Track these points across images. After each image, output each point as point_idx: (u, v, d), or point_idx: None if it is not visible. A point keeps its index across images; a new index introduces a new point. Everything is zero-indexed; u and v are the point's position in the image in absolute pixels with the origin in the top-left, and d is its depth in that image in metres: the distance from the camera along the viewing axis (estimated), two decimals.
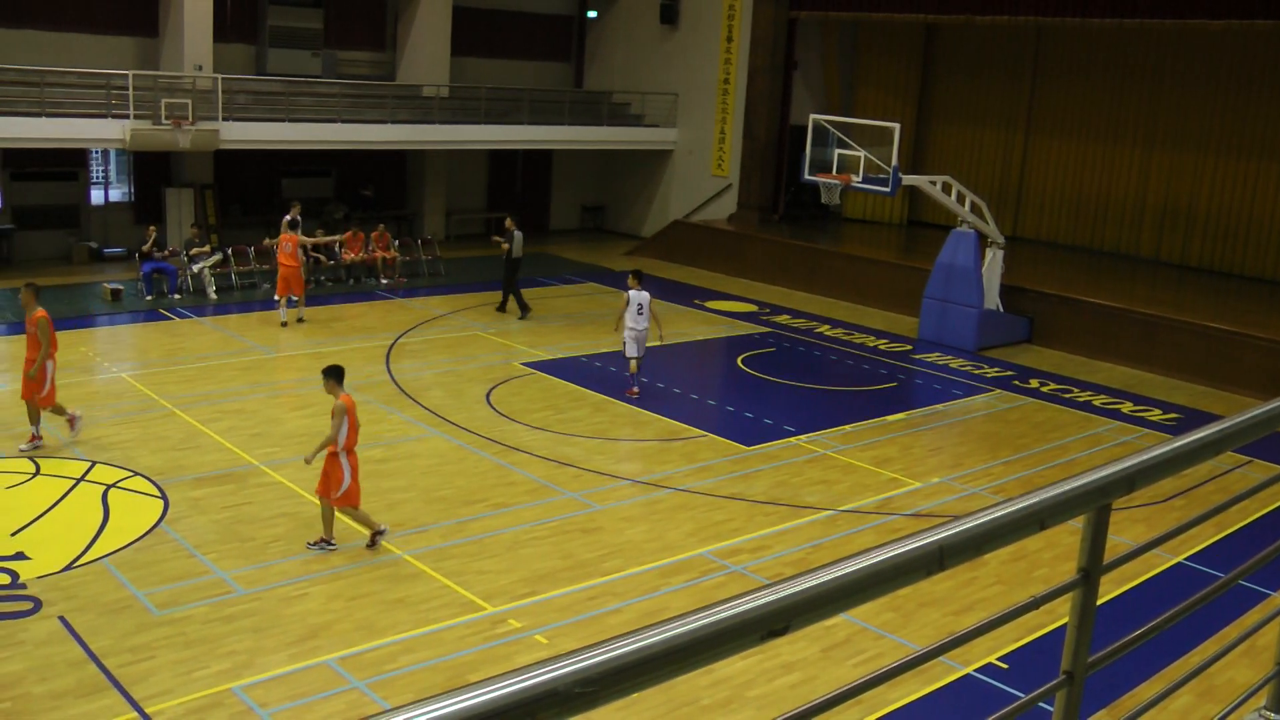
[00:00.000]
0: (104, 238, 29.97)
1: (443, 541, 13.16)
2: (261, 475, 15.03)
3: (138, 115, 25.97)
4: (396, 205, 34.15)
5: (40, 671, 10.22)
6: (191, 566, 12.41)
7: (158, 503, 14.10)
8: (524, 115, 32.63)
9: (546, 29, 37.39)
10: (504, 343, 22.57)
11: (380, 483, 14.84)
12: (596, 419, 18.01)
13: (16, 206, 29.36)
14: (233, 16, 30.37)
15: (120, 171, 32.25)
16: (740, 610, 1.81)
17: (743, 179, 33.41)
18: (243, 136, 27.51)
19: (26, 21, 28.14)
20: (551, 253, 33.54)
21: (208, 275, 25.86)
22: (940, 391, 21.04)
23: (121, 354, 21.17)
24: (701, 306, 26.93)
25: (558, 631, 11.14)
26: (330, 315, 24.44)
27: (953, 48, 33.72)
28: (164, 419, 17.20)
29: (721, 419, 18.68)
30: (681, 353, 22.91)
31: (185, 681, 10.11)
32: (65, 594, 11.70)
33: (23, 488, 14.53)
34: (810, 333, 24.86)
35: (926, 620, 11.75)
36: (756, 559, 13.13)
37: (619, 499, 14.75)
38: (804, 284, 29.27)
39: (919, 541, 2.05)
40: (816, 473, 16.10)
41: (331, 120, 29.33)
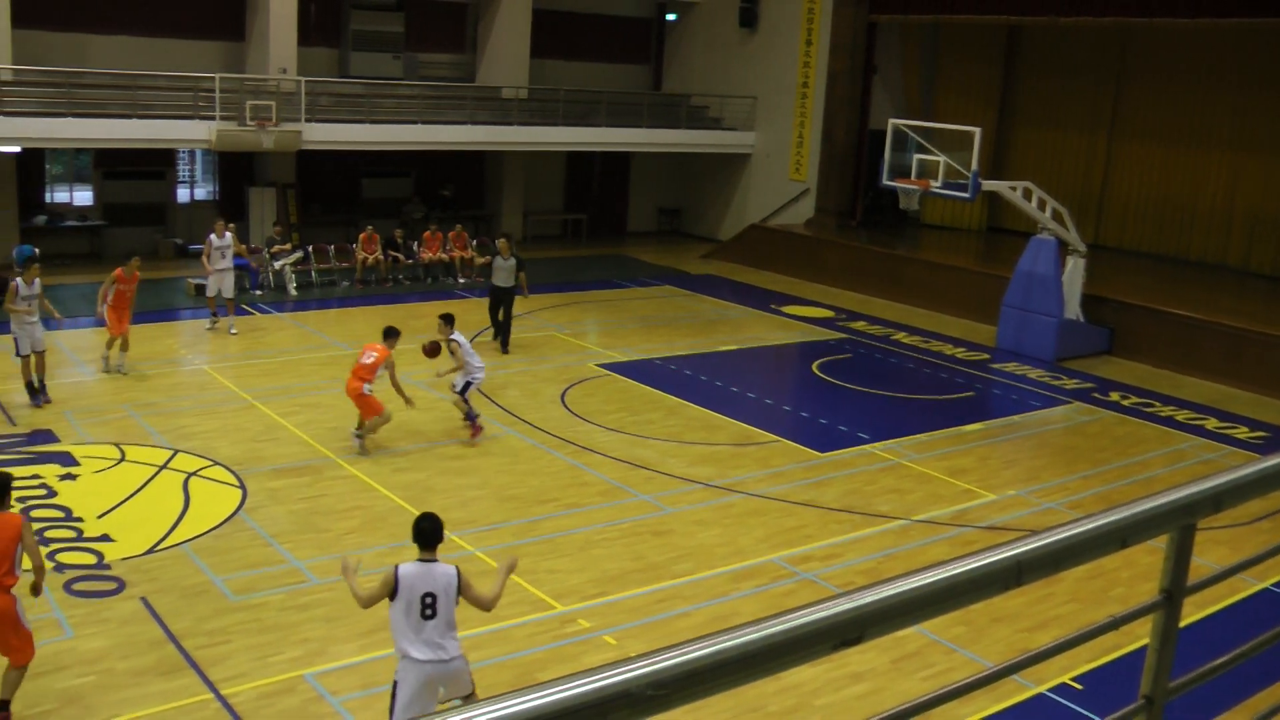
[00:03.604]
0: (189, 234, 30.48)
1: (514, 540, 13.24)
2: (337, 468, 15.22)
3: (224, 117, 26.45)
4: (475, 205, 34.40)
5: (122, 649, 10.48)
6: (268, 555, 12.61)
7: (236, 492, 14.34)
8: (602, 117, 32.72)
9: (625, 31, 37.48)
10: (579, 344, 22.66)
11: (454, 480, 14.98)
12: (670, 422, 18.02)
13: (107, 204, 30.07)
14: (316, 21, 30.77)
15: (206, 171, 32.82)
16: (814, 618, 1.81)
17: (821, 183, 33.27)
18: (324, 137, 27.88)
19: (119, 28, 28.78)
20: (628, 255, 33.63)
21: (289, 272, 26.24)
22: (1018, 402, 20.79)
23: (204, 347, 21.49)
24: (777, 311, 26.84)
25: (626, 633, 11.16)
26: (408, 313, 24.60)
27: (1035, 50, 33.30)
28: (244, 411, 17.48)
29: (795, 425, 18.61)
30: (756, 357, 22.87)
31: (260, 666, 10.28)
32: (147, 576, 11.98)
33: (109, 473, 14.90)
34: (886, 340, 24.69)
35: (998, 636, 11.60)
36: (828, 566, 13.06)
37: (691, 502, 14.75)
38: (881, 290, 29.08)
39: (996, 555, 2.03)
40: (890, 481, 15.99)
41: (411, 122, 29.60)
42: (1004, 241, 31.44)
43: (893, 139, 24.81)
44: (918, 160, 24.33)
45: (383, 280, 27.52)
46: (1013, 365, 23.18)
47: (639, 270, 31.24)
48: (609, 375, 20.49)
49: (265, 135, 26.76)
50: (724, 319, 25.85)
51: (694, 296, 28.08)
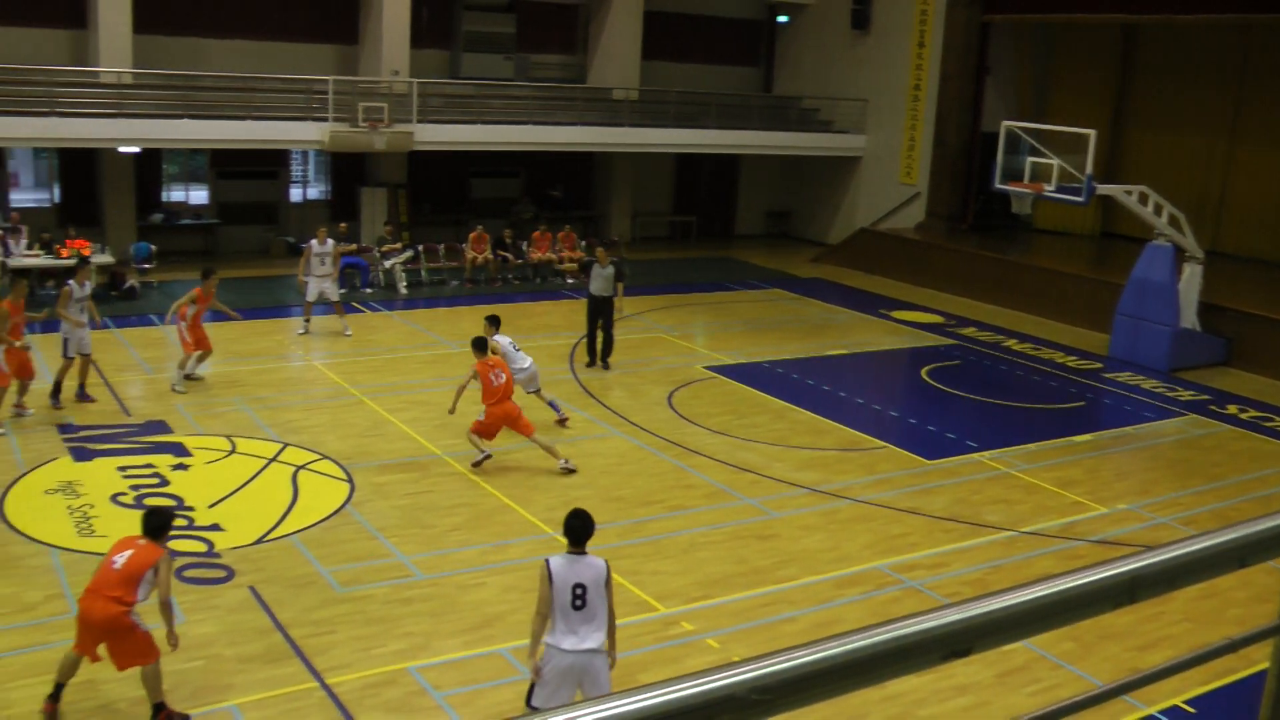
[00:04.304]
0: (301, 233, 31.02)
1: (619, 541, 13.27)
2: (444, 465, 15.39)
3: (336, 118, 26.90)
4: (583, 206, 34.58)
5: (230, 636, 10.72)
6: (374, 548, 12.79)
7: (344, 486, 14.57)
8: (712, 119, 32.70)
9: (736, 33, 37.41)
10: (687, 346, 22.66)
11: (559, 479, 15.07)
12: (776, 426, 17.94)
13: (222, 203, 30.77)
14: (429, 23, 31.17)
15: (318, 171, 33.43)
16: (923, 628, 1.78)
17: (932, 187, 32.94)
18: (435, 138, 28.23)
19: (235, 32, 29.45)
20: (736, 257, 33.57)
21: (399, 271, 26.61)
22: (1130, 413, 20.35)
23: (314, 343, 21.87)
24: (886, 316, 26.61)
25: (730, 637, 11.13)
26: (516, 313, 24.83)
27: (1152, 49, 32.57)
28: (352, 406, 17.76)
29: (903, 431, 18.42)
30: (865, 363, 22.70)
31: (364, 658, 10.43)
32: (255, 565, 12.23)
33: (220, 464, 15.26)
34: (997, 346, 24.34)
35: (1107, 654, 11.32)
36: (934, 576, 12.90)
37: (796, 507, 14.68)
38: (992, 296, 28.66)
39: (1110, 570, 1.98)
40: (998, 491, 15.75)
41: (522, 122, 29.83)
42: (1118, 247, 30.84)
43: (1005, 142, 24.44)
44: (1031, 163, 23.93)
45: (491, 280, 27.79)
46: (1125, 375, 22.69)
47: (747, 273, 31.17)
48: (716, 378, 20.47)
49: (377, 136, 27.17)
50: (832, 323, 25.69)
51: (802, 300, 27.94)
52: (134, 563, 9.14)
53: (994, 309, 27.93)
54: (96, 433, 16.16)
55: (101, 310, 22.92)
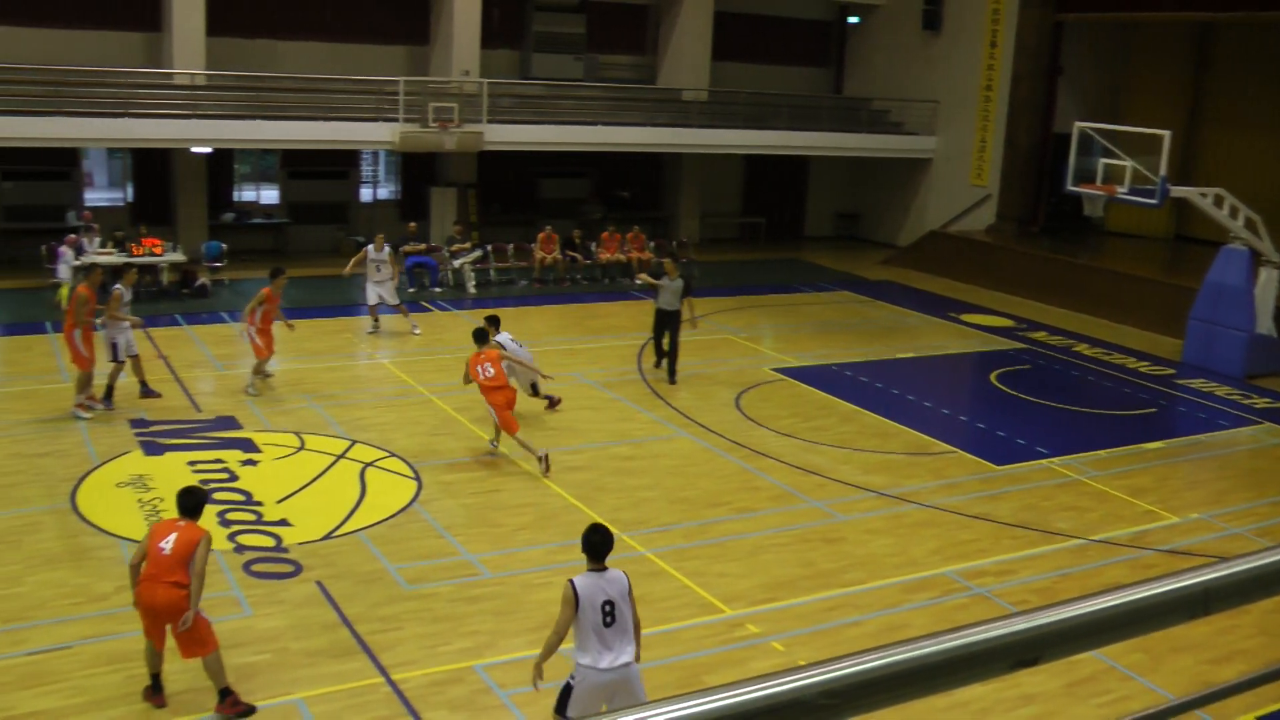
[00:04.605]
0: (370, 233, 31.26)
1: (685, 542, 13.28)
2: (511, 465, 15.46)
3: (407, 118, 27.11)
4: (652, 207, 34.62)
5: (298, 630, 10.85)
6: (441, 546, 12.88)
7: (411, 483, 14.69)
8: (782, 121, 32.60)
9: (807, 34, 37.28)
10: (755, 348, 22.62)
11: (625, 480, 15.09)
12: (844, 429, 17.86)
13: (292, 202, 31.14)
14: (500, 24, 31.34)
15: (388, 171, 33.73)
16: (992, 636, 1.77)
17: (1002, 189, 32.62)
18: (505, 138, 28.39)
19: (307, 34, 29.87)
20: (804, 259, 33.45)
21: (468, 270, 26.77)
22: (1204, 421, 20.01)
23: (383, 342, 22.07)
24: (956, 320, 26.39)
25: (795, 640, 11.10)
26: (584, 313, 24.97)
27: (1229, 48, 32.06)
28: (420, 405, 17.91)
29: (971, 436, 18.26)
30: (933, 366, 22.53)
31: (430, 655, 10.51)
32: (323, 561, 12.37)
33: (288, 460, 15.46)
34: (1067, 351, 24.06)
35: (1179, 666, 11.13)
36: (1001, 583, 12.78)
37: (863, 510, 14.60)
38: (1062, 299, 28.32)
39: (1183, 581, 1.96)
40: (1067, 498, 15.56)
41: (591, 123, 29.90)
42: (1192, 251, 30.38)
43: (1078, 143, 24.13)
44: (1103, 165, 23.62)
45: (560, 280, 27.89)
46: (1199, 381, 22.32)
47: (816, 275, 31.05)
48: (783, 380, 20.41)
49: (447, 136, 27.36)
50: (901, 326, 25.53)
51: (871, 303, 27.79)
52: (182, 544, 9.38)
53: (1065, 313, 27.61)
54: (167, 428, 16.43)
55: (173, 308, 23.48)
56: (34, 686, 9.76)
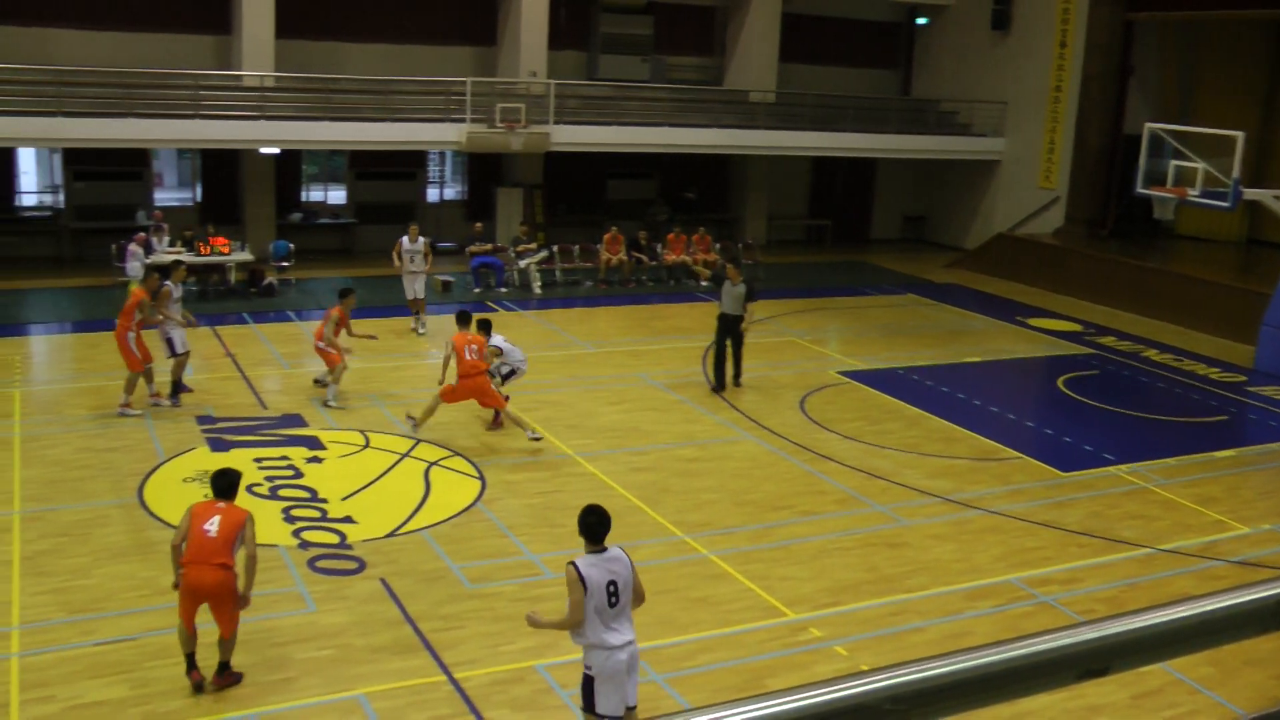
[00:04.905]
0: (437, 233, 31.52)
1: (749, 545, 13.25)
2: (575, 465, 15.50)
3: (474, 119, 27.25)
4: (718, 209, 34.57)
5: (361, 626, 10.94)
6: (504, 546, 12.94)
7: (475, 483, 14.77)
8: (849, 122, 32.44)
9: (874, 36, 37.06)
10: (820, 350, 22.52)
11: (690, 482, 15.07)
12: (909, 433, 17.73)
13: (359, 203, 31.42)
14: (567, 25, 31.42)
15: (455, 171, 33.94)
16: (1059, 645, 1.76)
17: (1071, 191, 32.23)
18: (572, 139, 28.47)
19: (375, 36, 30.14)
20: (870, 262, 33.27)
21: (533, 271, 26.87)
22: (1276, 429, 19.62)
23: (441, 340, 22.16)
24: (1023, 324, 26.11)
25: (858, 645, 11.03)
26: (650, 314, 24.99)
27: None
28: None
29: (1038, 441, 18.05)
30: (1000, 370, 22.31)
31: (492, 654, 10.55)
32: (386, 558, 12.46)
33: (353, 458, 15.60)
34: (1136, 356, 23.73)
35: (1250, 680, 10.87)
36: (1067, 591, 12.61)
37: (927, 516, 14.49)
38: (1131, 304, 27.94)
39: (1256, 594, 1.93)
40: (1135, 506, 15.35)
41: (657, 124, 29.91)
42: (1265, 255, 29.88)
43: (1148, 144, 23.81)
44: (1174, 167, 23.29)
45: (625, 281, 27.92)
46: (1271, 389, 21.91)
47: (882, 278, 30.86)
48: (849, 383, 20.30)
49: (514, 137, 27.49)
50: (967, 330, 25.31)
51: (937, 306, 27.58)
52: (226, 526, 9.59)
53: (1134, 318, 27.24)
54: (233, 424, 16.64)
55: (240, 307, 23.77)
56: (101, 676, 9.95)
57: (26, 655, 10.34)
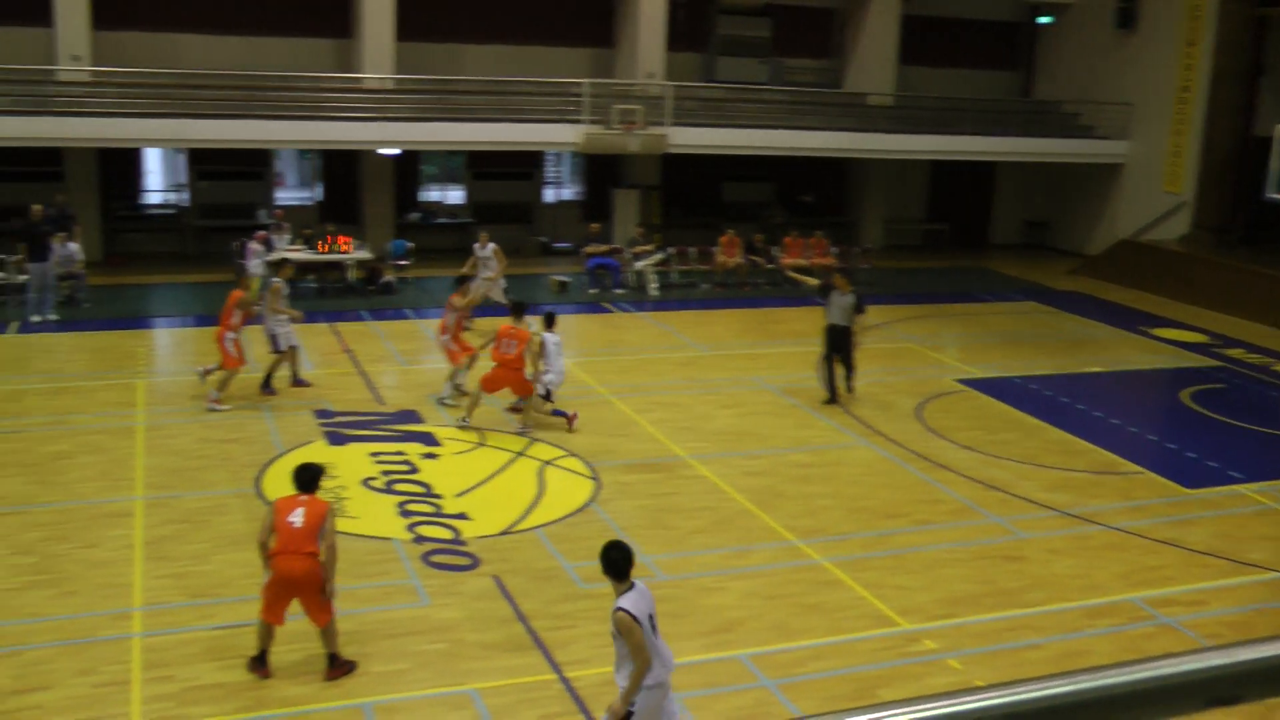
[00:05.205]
0: (553, 233, 31.84)
1: (862, 552, 13.13)
2: (688, 468, 15.50)
3: (591, 120, 27.39)
4: (835, 212, 34.35)
5: (474, 622, 11.06)
6: None
7: (589, 483, 14.84)
8: (968, 125, 32.00)
9: (995, 36, 36.48)
10: (937, 357, 22.24)
11: (804, 487, 14.98)
12: (1028, 444, 17.41)
13: (477, 203, 31.80)
14: (685, 27, 31.44)
15: (572, 172, 34.18)
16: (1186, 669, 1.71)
17: (1199, 196, 31.36)
18: (689, 141, 28.50)
19: (494, 38, 30.54)
20: (990, 268, 32.78)
21: (649, 273, 26.93)
22: None
23: (565, 342, 22.24)
24: (1146, 334, 25.51)
25: (972, 659, 10.86)
26: (766, 318, 24.90)
27: None
28: (600, 405, 18.06)
29: (1161, 456, 17.58)
30: (1122, 382, 21.82)
31: (604, 654, 10.49)
32: (500, 555, 12.58)
33: (468, 455, 15.83)
34: (1266, 370, 23.01)
35: None
36: (1191, 613, 12.22)
37: (1045, 529, 14.20)
38: (1262, 315, 27.08)
39: None
40: (1264, 527, 14.83)
41: (774, 127, 29.79)
42: None
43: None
44: None
45: (741, 284, 27.86)
46: None
47: (1001, 284, 30.39)
48: (966, 391, 20.01)
49: (631, 138, 27.59)
50: (1089, 339, 24.80)
51: (1058, 314, 27.07)
52: (312, 517, 9.85)
53: (1265, 329, 26.38)
54: (351, 419, 16.95)
55: (359, 305, 24.21)
56: (219, 659, 10.25)
57: (148, 636, 10.71)
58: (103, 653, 10.41)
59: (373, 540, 12.88)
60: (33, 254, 22.56)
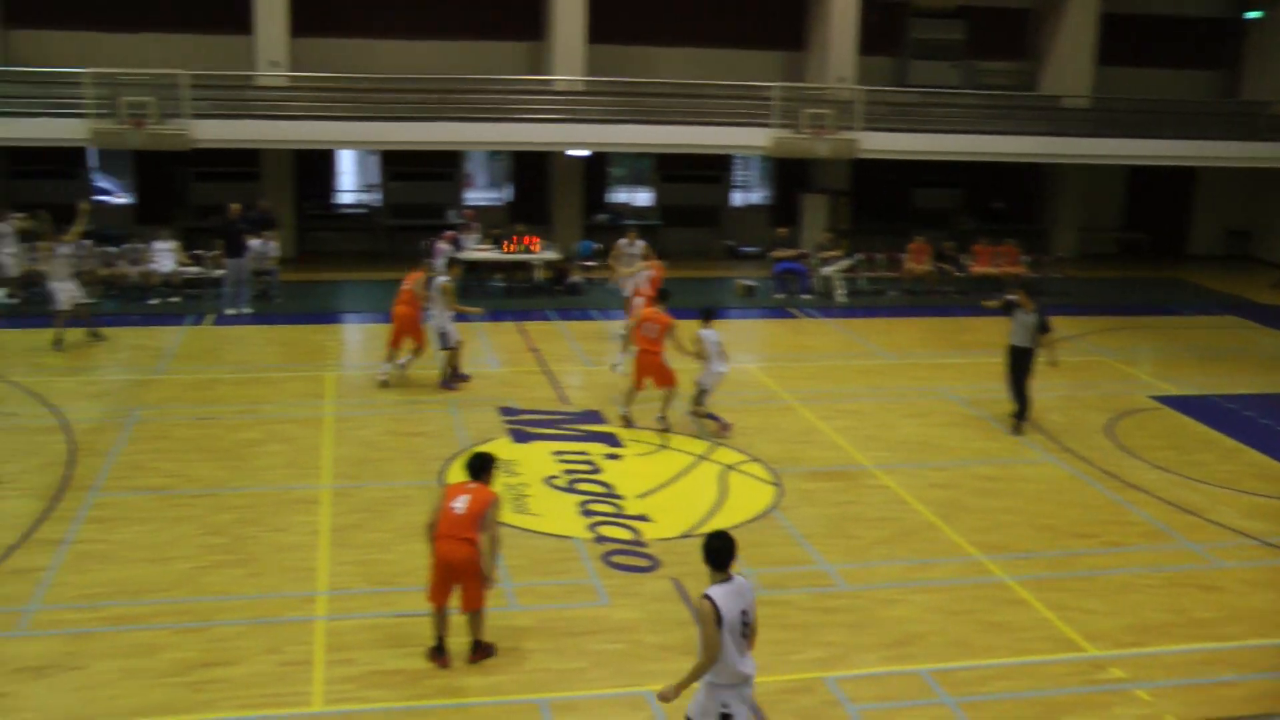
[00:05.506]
0: (740, 237, 31.79)
1: (1048, 572, 12.75)
2: (871, 477, 15.30)
3: (781, 124, 27.28)
4: (1026, 219, 33.51)
5: (652, 624, 11.12)
6: (797, 554, 12.88)
7: (771, 489, 14.77)
8: (1168, 129, 30.76)
9: (1199, 34, 34.92)
10: (1130, 372, 21.51)
11: (989, 501, 14.64)
12: (1225, 466, 16.67)
13: (666, 205, 31.96)
14: (877, 30, 31.07)
15: (760, 176, 34.09)
16: None
17: None
18: (879, 146, 28.17)
19: (683, 40, 30.84)
20: (1189, 279, 31.60)
21: (837, 279, 26.69)
22: None
23: (749, 346, 22.28)
24: None
25: (1163, 691, 10.42)
26: (954, 327, 24.38)
27: None
28: (783, 411, 17.97)
29: None
30: None
31: (781, 662, 10.50)
32: (680, 558, 12.57)
33: (650, 457, 15.94)
34: None
35: None
36: None
37: (1243, 559, 13.54)
38: None
39: None
40: None
41: (967, 132, 29.17)
42: None
43: None
44: None
45: (930, 292, 27.41)
46: None
47: (1201, 296, 29.25)
48: (1160, 408, 19.29)
49: (821, 143, 27.38)
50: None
51: (1260, 329, 25.91)
52: (475, 505, 10.03)
53: None
54: (535, 417, 17.22)
55: (546, 304, 24.58)
56: (400, 646, 10.53)
57: (331, 619, 11.07)
58: (288, 633, 10.81)
59: (554, 538, 13.03)
60: (229, 250, 23.59)
